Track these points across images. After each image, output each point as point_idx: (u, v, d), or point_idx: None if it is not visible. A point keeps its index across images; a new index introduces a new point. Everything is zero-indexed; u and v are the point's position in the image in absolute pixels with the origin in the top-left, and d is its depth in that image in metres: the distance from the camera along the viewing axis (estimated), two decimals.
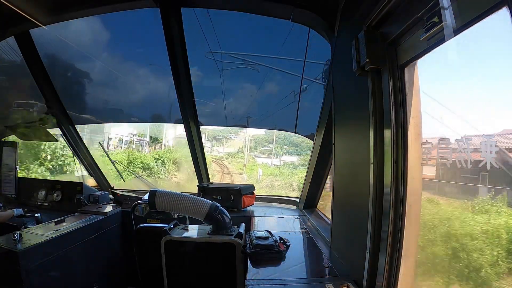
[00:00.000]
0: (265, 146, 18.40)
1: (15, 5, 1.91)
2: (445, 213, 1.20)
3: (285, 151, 17.68)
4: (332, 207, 1.62)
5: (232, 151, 18.34)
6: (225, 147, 18.72)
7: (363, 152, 1.13)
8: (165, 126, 13.15)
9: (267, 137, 18.04)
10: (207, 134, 16.81)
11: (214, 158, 16.47)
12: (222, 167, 15.12)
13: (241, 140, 17.61)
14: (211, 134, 18.12)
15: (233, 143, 18.46)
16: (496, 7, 0.61)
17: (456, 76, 1.00)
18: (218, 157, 17.16)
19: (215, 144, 18.68)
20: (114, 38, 2.75)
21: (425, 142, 0.97)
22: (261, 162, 16.48)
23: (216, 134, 18.64)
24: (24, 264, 1.53)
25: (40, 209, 2.40)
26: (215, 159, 16.61)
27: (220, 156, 17.56)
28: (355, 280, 1.20)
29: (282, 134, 15.74)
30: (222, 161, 16.61)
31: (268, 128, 4.01)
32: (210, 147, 17.50)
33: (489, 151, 0.72)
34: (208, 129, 17.55)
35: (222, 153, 18.23)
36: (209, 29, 2.37)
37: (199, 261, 1.75)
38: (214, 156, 16.90)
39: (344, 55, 1.35)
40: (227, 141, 18.74)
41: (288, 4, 1.79)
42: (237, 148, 18.35)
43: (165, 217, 2.26)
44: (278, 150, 17.61)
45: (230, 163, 16.37)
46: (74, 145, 3.07)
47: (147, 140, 13.80)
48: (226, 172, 14.21)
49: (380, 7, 0.95)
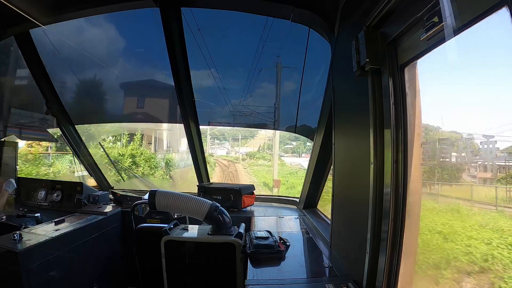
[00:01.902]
0: (287, 144, 17.27)
1: (15, 5, 1.91)
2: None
3: (308, 148, 16.22)
4: (332, 207, 1.62)
5: (250, 150, 16.88)
6: (244, 147, 17.36)
7: (363, 152, 1.13)
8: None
9: (288, 134, 16.58)
10: (227, 134, 15.30)
11: (227, 160, 13.97)
12: (229, 173, 12.86)
13: (260, 138, 15.96)
14: (230, 134, 16.72)
15: (252, 142, 17.01)
16: (496, 7, 0.61)
17: (456, 76, 1.00)
18: (234, 158, 15.23)
19: (234, 145, 17.51)
20: (114, 38, 2.75)
21: (425, 142, 0.97)
22: (289, 163, 14.54)
23: (235, 134, 17.39)
24: (24, 264, 1.53)
25: (40, 209, 2.40)
26: (229, 162, 13.88)
27: (235, 157, 15.99)
28: (355, 280, 1.20)
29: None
30: (235, 163, 14.40)
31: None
32: (228, 148, 15.99)
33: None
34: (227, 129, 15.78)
35: (241, 154, 16.78)
36: (209, 29, 2.37)
37: (199, 261, 1.75)
38: (225, 157, 14.86)
39: (344, 55, 1.35)
40: (246, 140, 17.33)
41: (288, 4, 1.79)
42: (256, 146, 16.71)
43: (165, 217, 2.26)
44: (302, 147, 16.46)
45: (248, 167, 13.82)
46: (74, 145, 3.07)
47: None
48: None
49: (380, 7, 0.95)
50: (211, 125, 4.39)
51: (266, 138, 15.96)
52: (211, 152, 20.06)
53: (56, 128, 3.04)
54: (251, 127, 3.35)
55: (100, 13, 2.28)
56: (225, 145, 20.57)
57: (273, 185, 10.75)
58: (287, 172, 13.89)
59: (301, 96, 2.58)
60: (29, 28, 2.31)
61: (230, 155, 17.62)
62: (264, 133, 15.79)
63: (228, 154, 17.71)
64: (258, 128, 3.63)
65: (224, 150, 21.36)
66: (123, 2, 2.03)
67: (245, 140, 17.96)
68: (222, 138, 21.83)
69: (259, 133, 16.07)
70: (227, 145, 17.96)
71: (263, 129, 8.50)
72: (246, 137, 17.77)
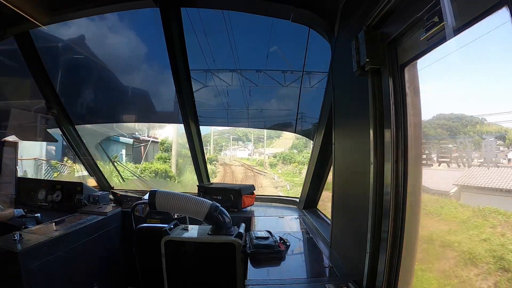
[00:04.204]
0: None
1: (15, 5, 1.91)
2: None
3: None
4: (332, 207, 1.62)
5: (278, 151, 13.98)
6: (270, 148, 14.87)
7: (363, 152, 1.13)
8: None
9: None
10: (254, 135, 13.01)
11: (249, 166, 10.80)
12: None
13: (287, 137, 13.37)
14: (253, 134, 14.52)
15: (277, 142, 14.81)
16: (496, 7, 0.61)
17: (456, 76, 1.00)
18: (257, 161, 12.65)
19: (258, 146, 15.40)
20: (114, 38, 2.75)
21: (425, 142, 0.97)
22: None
23: (259, 135, 15.55)
24: (24, 264, 1.53)
25: (40, 209, 2.40)
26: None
27: (259, 161, 12.92)
28: (355, 280, 1.20)
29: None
30: (264, 170, 11.03)
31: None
32: (251, 149, 13.62)
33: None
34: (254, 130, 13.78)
35: (267, 155, 13.93)
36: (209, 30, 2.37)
37: (199, 261, 1.75)
38: (244, 161, 11.79)
39: (344, 55, 1.35)
40: (272, 140, 15.09)
41: (288, 4, 1.78)
42: (282, 146, 14.41)
43: (165, 217, 2.26)
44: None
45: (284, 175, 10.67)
46: (74, 145, 3.07)
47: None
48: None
49: (380, 7, 0.95)
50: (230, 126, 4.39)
51: (294, 137, 12.99)
52: (230, 154, 18.44)
53: (56, 128, 3.04)
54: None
55: (100, 13, 2.28)
56: (248, 146, 19.55)
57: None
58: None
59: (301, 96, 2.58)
60: (29, 28, 2.31)
61: (253, 157, 15.35)
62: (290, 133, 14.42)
63: (250, 156, 15.45)
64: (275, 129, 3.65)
65: (245, 151, 19.33)
66: (123, 2, 2.03)
67: (271, 141, 16.48)
68: (245, 139, 20.61)
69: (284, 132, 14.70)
70: (250, 147, 16.46)
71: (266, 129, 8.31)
72: (272, 137, 16.02)
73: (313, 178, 2.38)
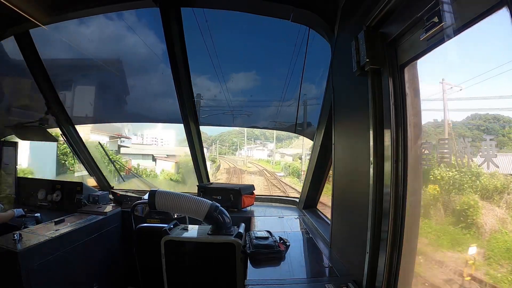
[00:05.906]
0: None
1: (15, 5, 1.91)
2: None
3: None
4: (332, 207, 1.62)
5: (299, 152, 12.25)
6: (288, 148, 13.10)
7: (363, 152, 1.13)
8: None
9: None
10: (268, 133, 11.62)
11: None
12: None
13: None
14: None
15: (297, 142, 13.11)
16: (496, 7, 0.61)
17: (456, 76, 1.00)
18: (283, 165, 10.31)
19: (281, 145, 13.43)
20: (114, 38, 2.75)
21: (425, 142, 0.97)
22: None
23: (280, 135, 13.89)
24: (24, 264, 1.53)
25: (40, 209, 2.40)
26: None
27: (286, 165, 10.88)
28: (355, 280, 1.20)
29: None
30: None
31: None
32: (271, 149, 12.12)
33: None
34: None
35: (288, 155, 12.27)
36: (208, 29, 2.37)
37: (199, 261, 1.75)
38: (264, 163, 10.03)
39: (344, 55, 1.35)
40: (290, 141, 13.55)
41: (288, 4, 1.78)
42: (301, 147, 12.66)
43: (165, 217, 2.26)
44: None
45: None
46: (74, 145, 3.07)
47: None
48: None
49: (380, 7, 0.95)
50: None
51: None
52: (247, 155, 16.69)
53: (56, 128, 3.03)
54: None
55: (100, 13, 2.28)
56: (267, 146, 17.50)
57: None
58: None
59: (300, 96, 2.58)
60: (29, 28, 2.31)
61: (275, 158, 13.07)
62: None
63: (270, 158, 13.51)
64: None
65: (264, 151, 17.17)
66: (122, 2, 2.03)
67: (289, 141, 14.97)
68: (263, 138, 19.52)
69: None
70: (270, 146, 14.12)
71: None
72: (291, 137, 14.35)
73: (313, 178, 2.38)
